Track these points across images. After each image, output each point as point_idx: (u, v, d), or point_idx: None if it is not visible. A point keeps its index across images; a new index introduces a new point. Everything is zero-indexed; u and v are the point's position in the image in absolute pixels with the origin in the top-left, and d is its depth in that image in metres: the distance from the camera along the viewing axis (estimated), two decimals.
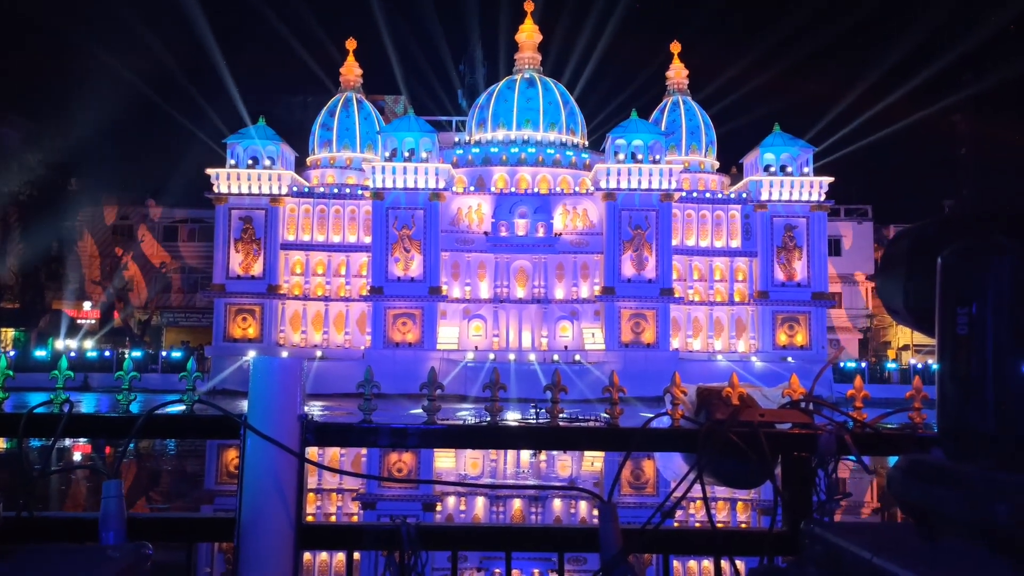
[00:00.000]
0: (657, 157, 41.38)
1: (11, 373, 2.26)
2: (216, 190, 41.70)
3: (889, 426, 2.32)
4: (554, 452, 16.90)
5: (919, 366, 40.17)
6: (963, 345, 1.44)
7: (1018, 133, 42.68)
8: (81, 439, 15.38)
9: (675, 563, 8.11)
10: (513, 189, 43.09)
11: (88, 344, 43.87)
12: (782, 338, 41.63)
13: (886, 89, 43.10)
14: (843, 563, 1.63)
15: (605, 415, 2.35)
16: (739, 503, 11.47)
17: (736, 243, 42.61)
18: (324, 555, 7.86)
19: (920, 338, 45.67)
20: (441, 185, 41.20)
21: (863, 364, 42.52)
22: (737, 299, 42.54)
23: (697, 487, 2.17)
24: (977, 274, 1.44)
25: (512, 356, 39.09)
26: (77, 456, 15.68)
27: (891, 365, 44.56)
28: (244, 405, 2.22)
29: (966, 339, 1.43)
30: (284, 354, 37.35)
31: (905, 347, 48.30)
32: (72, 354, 39.04)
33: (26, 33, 49.16)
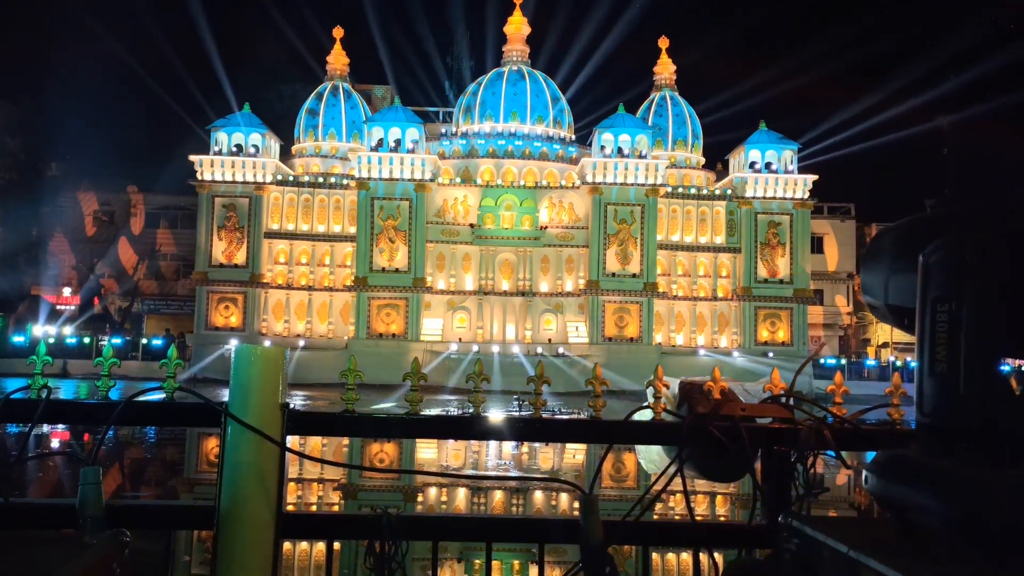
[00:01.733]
0: (643, 152, 41.47)
1: None
2: (200, 177, 41.32)
3: (868, 422, 2.34)
4: (536, 444, 16.96)
5: (898, 363, 40.60)
6: (942, 341, 1.45)
7: (1002, 133, 43.14)
8: (60, 425, 15.24)
9: (654, 555, 8.14)
10: (499, 181, 43.05)
11: (67, 331, 43.42)
12: (764, 334, 41.95)
13: (871, 88, 43.41)
14: (820, 556, 1.64)
15: (588, 407, 2.36)
16: (719, 496, 11.55)
17: (720, 239, 42.84)
18: (304, 544, 7.85)
19: (899, 335, 46.18)
20: (427, 176, 41.07)
21: (843, 361, 42.91)
22: (720, 294, 42.78)
23: (677, 480, 2.18)
24: (957, 271, 1.45)
25: (496, 348, 39.12)
26: (55, 443, 15.54)
27: (871, 362, 45.01)
28: (225, 394, 2.21)
29: (945, 335, 1.45)
30: (266, 343, 37.17)
31: (885, 344, 48.81)
32: (51, 340, 38.62)
33: (7, 14, 48.40)
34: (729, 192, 42.96)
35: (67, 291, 47.05)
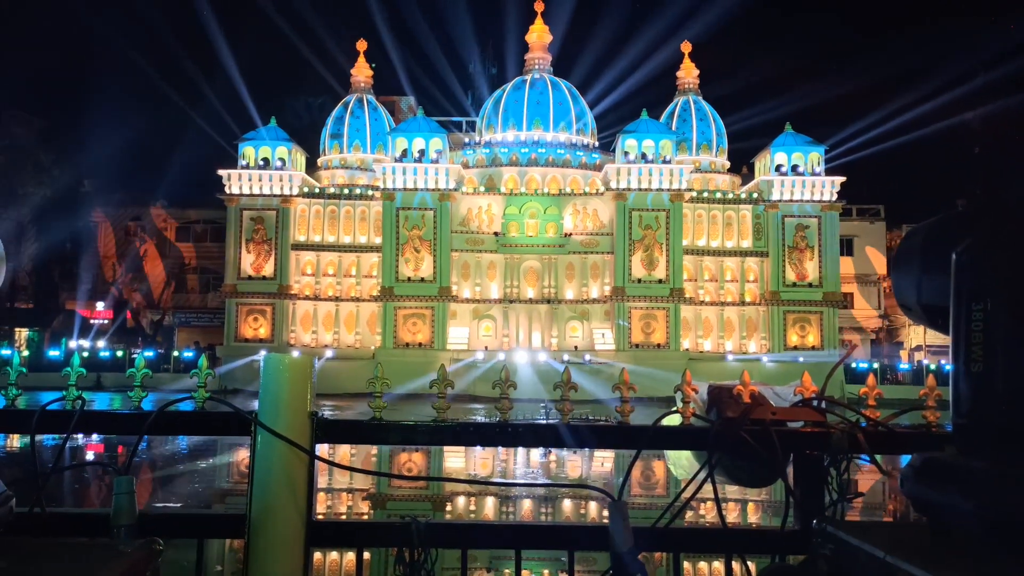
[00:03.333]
0: (667, 157, 41.29)
1: (24, 370, 2.28)
2: (228, 191, 41.92)
3: (902, 425, 2.30)
4: (564, 451, 16.90)
5: (931, 366, 39.88)
6: (978, 341, 1.43)
7: None
8: (94, 437, 15.48)
9: (686, 563, 8.08)
10: (523, 189, 43.09)
11: (101, 344, 44.13)
12: (793, 338, 41.46)
13: (898, 88, 42.89)
14: (855, 562, 1.61)
15: (617, 412, 2.35)
16: (750, 503, 11.42)
17: (747, 243, 42.47)
18: (334, 553, 7.88)
19: (932, 338, 45.37)
20: (451, 185, 41.26)
21: (875, 364, 42.23)
22: (748, 299, 42.39)
23: (708, 485, 2.15)
24: (992, 269, 1.43)
25: (523, 356, 39.07)
26: (90, 455, 15.79)
27: (903, 366, 44.26)
28: (252, 403, 2.23)
29: (981, 335, 1.42)
30: (295, 354, 37.45)
31: (918, 347, 47.98)
32: (85, 354, 39.27)
33: (37, 33, 49.52)
34: (755, 195, 42.60)
35: (100, 305, 47.85)
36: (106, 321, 47.33)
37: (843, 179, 41.97)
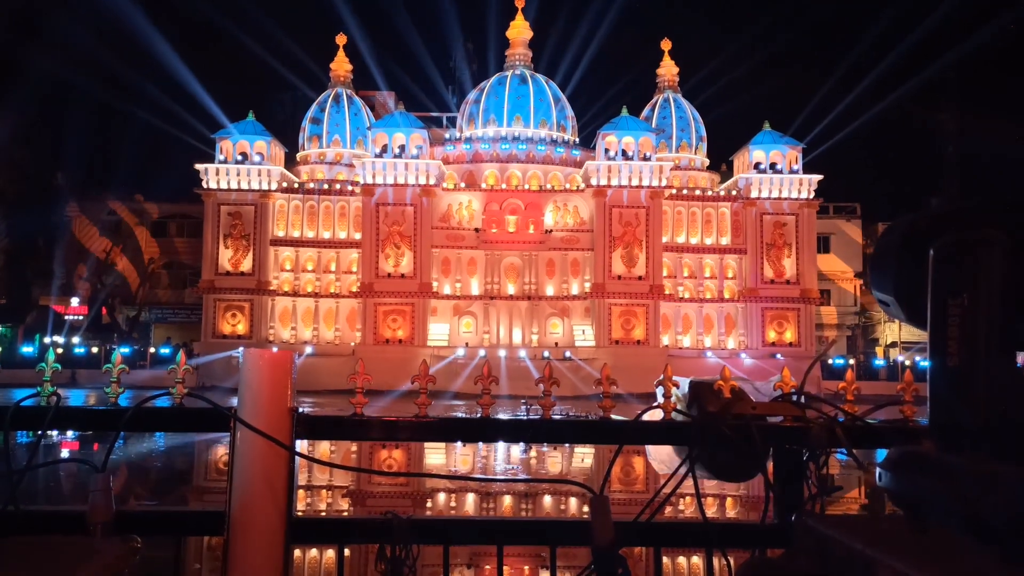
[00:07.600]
0: (647, 154, 41.44)
1: None
2: (205, 185, 41.49)
3: (879, 420, 2.32)
4: (545, 447, 16.94)
5: (907, 362, 40.40)
6: (954, 336, 1.44)
7: (1003, 129, 43.02)
8: (70, 434, 15.29)
9: (665, 557, 8.12)
10: (504, 185, 43.08)
11: (75, 340, 43.55)
12: (771, 335, 41.83)
13: (875, 88, 43.39)
14: (834, 555, 1.63)
15: (599, 408, 2.35)
16: (730, 497, 11.53)
17: (726, 240, 42.77)
18: (314, 550, 7.85)
19: (908, 335, 45.98)
20: (431, 181, 41.13)
21: (851, 361, 42.74)
22: (727, 296, 42.71)
23: (688, 480, 2.16)
24: (968, 266, 1.44)
25: (503, 353, 39.11)
26: (65, 452, 15.58)
27: (879, 362, 44.82)
28: (233, 400, 2.20)
29: (957, 330, 1.44)
30: (273, 350, 37.23)
31: (893, 344, 48.60)
32: (59, 350, 38.73)
33: (11, 24, 48.68)
34: (734, 193, 42.90)
35: (75, 301, 47.21)
36: (80, 317, 46.71)
37: (820, 177, 42.40)
